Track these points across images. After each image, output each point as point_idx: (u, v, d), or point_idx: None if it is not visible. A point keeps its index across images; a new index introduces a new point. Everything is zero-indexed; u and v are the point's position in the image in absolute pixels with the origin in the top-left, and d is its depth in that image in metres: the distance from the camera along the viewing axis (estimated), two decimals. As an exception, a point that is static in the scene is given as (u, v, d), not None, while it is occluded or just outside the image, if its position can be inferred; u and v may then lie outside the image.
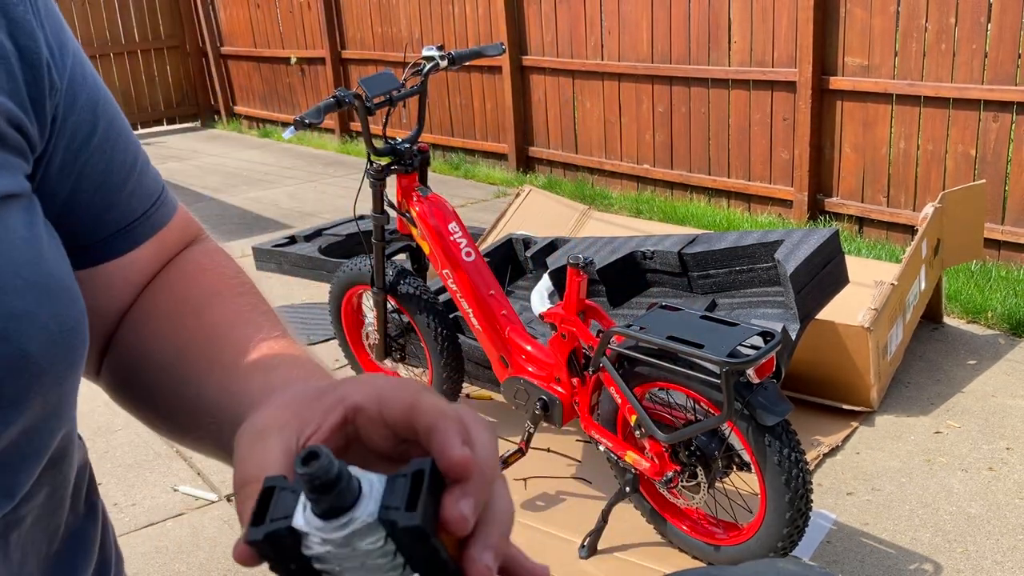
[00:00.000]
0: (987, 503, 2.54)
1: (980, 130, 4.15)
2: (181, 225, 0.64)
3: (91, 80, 0.57)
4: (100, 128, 0.57)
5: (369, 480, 0.38)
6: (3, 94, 0.50)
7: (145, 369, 0.59)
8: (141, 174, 0.60)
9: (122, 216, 0.59)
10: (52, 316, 0.48)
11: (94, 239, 0.58)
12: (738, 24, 4.93)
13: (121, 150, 0.58)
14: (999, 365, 3.32)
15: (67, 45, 0.55)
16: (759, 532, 2.18)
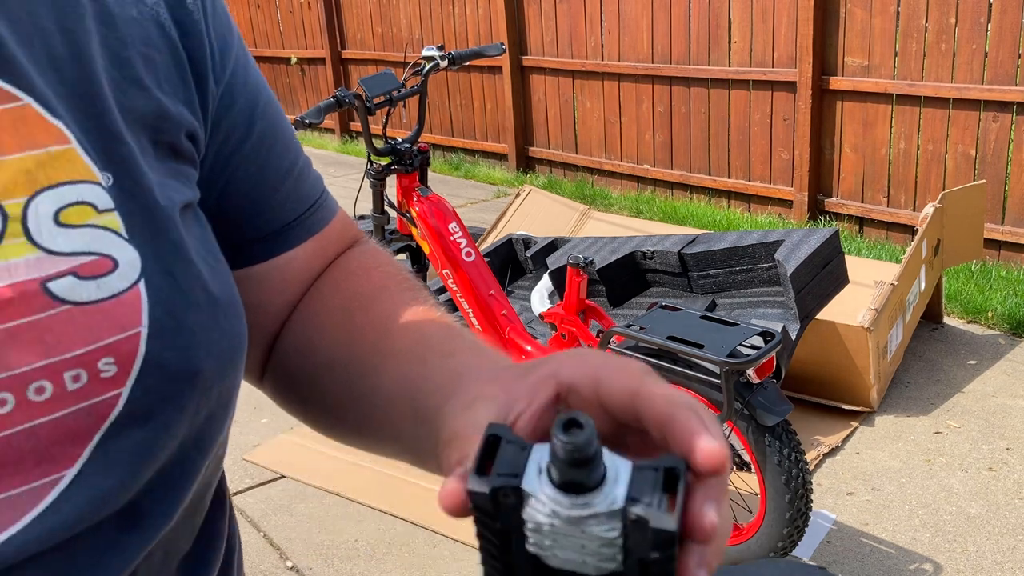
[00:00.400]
0: (987, 503, 2.54)
1: (980, 130, 4.15)
2: (340, 228, 0.64)
3: (252, 83, 0.57)
4: (255, 132, 0.56)
5: (615, 463, 0.35)
6: (181, 103, 0.50)
7: (314, 369, 0.58)
8: (298, 179, 0.60)
9: (274, 219, 0.58)
10: (225, 331, 0.48)
11: (243, 240, 0.58)
12: (738, 24, 4.93)
13: (277, 155, 0.58)
14: (999, 365, 3.32)
15: (229, 48, 0.55)
16: (759, 532, 2.17)
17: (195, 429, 0.48)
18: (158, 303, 0.44)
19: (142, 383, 0.43)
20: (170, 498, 0.48)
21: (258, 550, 2.56)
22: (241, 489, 2.85)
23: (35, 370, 0.40)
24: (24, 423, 0.40)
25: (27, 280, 0.40)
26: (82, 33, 0.46)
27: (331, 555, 2.51)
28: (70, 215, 0.42)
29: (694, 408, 0.39)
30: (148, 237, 0.45)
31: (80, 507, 0.42)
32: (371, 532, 2.58)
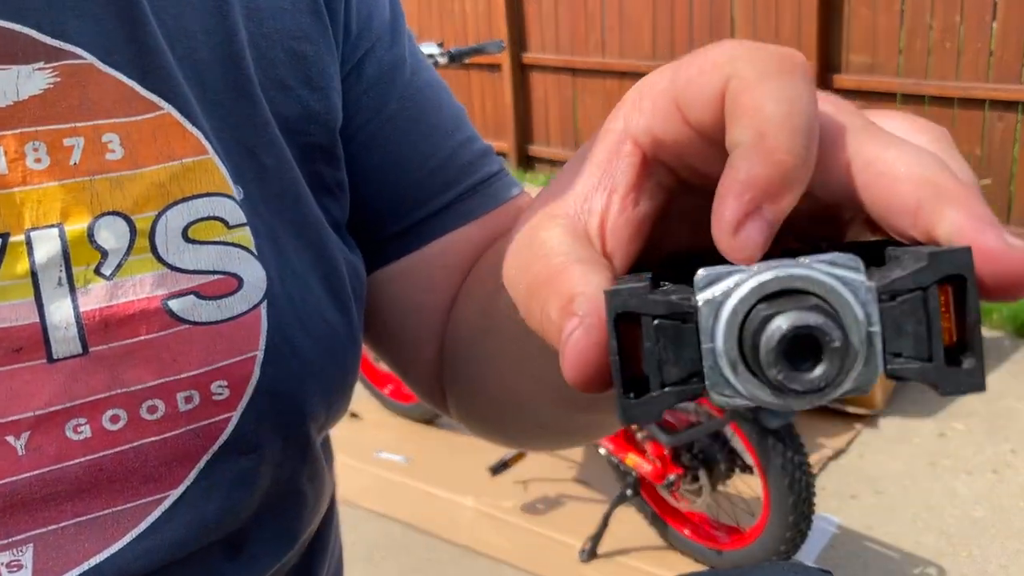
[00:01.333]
0: (992, 506, 2.52)
1: (985, 130, 4.12)
2: (517, 210, 0.55)
3: (391, 58, 0.52)
4: (389, 111, 0.52)
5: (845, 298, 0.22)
6: (332, 91, 0.47)
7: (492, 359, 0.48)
8: (449, 159, 0.54)
9: (416, 207, 0.53)
10: (339, 364, 0.46)
11: (383, 235, 0.53)
12: (741, 21, 4.91)
13: (419, 138, 0.53)
14: (1004, 367, 3.29)
15: (370, 19, 0.51)
16: (762, 536, 2.15)
17: (303, 461, 0.46)
18: (277, 329, 0.43)
19: (253, 409, 0.42)
20: (282, 531, 0.46)
21: (254, 553, 2.53)
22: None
23: (149, 388, 0.40)
24: (135, 441, 0.40)
25: (149, 297, 0.40)
26: (227, 33, 0.43)
27: (328, 558, 2.48)
28: (200, 230, 0.41)
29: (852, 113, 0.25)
30: (277, 255, 0.44)
31: (181, 530, 0.41)
32: (369, 535, 2.56)
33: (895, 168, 0.23)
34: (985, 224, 0.22)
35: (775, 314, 0.21)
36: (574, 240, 0.27)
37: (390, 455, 2.91)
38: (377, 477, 2.81)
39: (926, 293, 0.21)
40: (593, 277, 0.25)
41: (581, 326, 0.23)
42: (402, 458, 2.89)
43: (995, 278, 0.22)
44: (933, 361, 0.22)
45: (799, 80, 0.24)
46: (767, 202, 0.23)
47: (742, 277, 0.22)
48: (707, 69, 0.25)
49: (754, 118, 0.23)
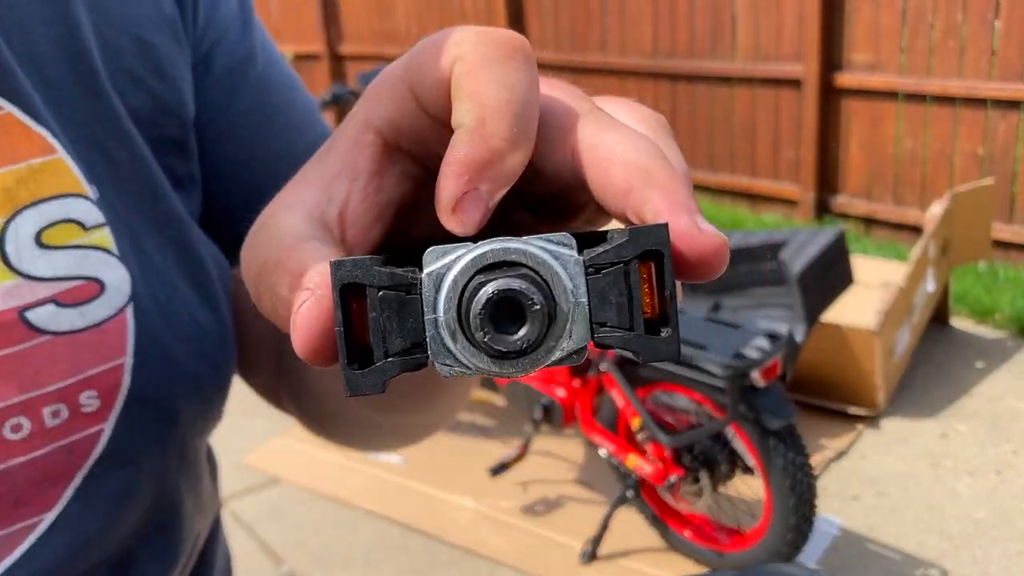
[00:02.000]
0: (994, 508, 2.50)
1: (988, 129, 4.10)
2: None
3: (243, 49, 0.51)
4: (239, 104, 0.51)
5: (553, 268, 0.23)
6: (181, 82, 0.46)
7: None
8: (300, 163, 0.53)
9: None
10: (212, 364, 0.44)
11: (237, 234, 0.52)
12: (743, 20, 4.89)
13: (274, 134, 0.52)
14: (1007, 367, 3.27)
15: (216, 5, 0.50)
16: (763, 538, 2.14)
17: (182, 471, 0.44)
18: (144, 332, 0.40)
19: (126, 418, 0.40)
20: (167, 547, 0.45)
21: (253, 555, 2.52)
22: (236, 493, 2.82)
23: (12, 406, 0.37)
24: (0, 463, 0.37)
25: (3, 310, 0.37)
26: (68, 23, 0.41)
27: (327, 560, 2.47)
28: (53, 235, 0.39)
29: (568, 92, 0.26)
30: (139, 255, 0.42)
31: (60, 554, 0.39)
32: (367, 536, 2.55)
33: (612, 152, 0.24)
34: (682, 208, 0.24)
35: (487, 282, 0.22)
36: (308, 224, 0.27)
37: (388, 456, 2.90)
38: (376, 478, 2.80)
39: (627, 267, 0.23)
40: (325, 252, 0.25)
41: (312, 297, 0.23)
42: (401, 459, 2.88)
43: (687, 256, 0.23)
44: (634, 330, 0.23)
45: (521, 65, 0.25)
46: (483, 182, 0.24)
47: (463, 252, 0.23)
48: (435, 54, 0.26)
49: (475, 102, 0.24)
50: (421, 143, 0.28)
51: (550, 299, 0.23)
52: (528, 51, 0.26)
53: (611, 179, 0.24)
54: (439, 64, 0.25)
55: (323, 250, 0.25)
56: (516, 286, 0.22)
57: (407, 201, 0.29)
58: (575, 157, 0.25)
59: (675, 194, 0.24)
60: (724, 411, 2.02)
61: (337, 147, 0.28)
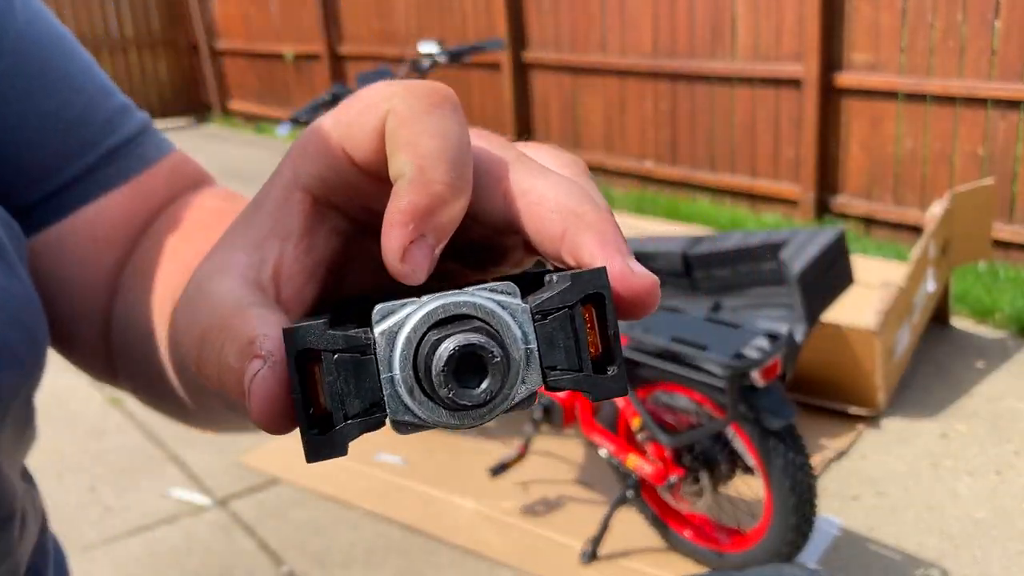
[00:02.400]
0: (994, 508, 2.50)
1: (988, 129, 4.10)
2: (168, 172, 0.53)
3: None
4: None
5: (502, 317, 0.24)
6: None
7: (148, 347, 0.48)
8: (79, 123, 0.50)
9: (55, 173, 0.49)
10: (25, 334, 0.42)
11: (27, 202, 0.49)
12: (743, 20, 4.89)
13: (39, 97, 0.48)
14: (1007, 367, 3.27)
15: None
16: (764, 538, 2.14)
17: (6, 442, 0.42)
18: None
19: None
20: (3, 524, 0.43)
21: (253, 556, 2.52)
22: (235, 493, 2.82)
23: None
24: None
25: None
26: None
27: (327, 560, 2.47)
28: None
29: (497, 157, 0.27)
30: None
31: None
32: (368, 537, 2.54)
33: (544, 197, 0.25)
34: (615, 250, 0.25)
35: (444, 338, 0.23)
36: (246, 288, 0.27)
37: (389, 457, 2.89)
38: (376, 479, 2.79)
39: (572, 311, 0.24)
40: (271, 318, 0.25)
41: (266, 365, 0.23)
42: (400, 460, 2.88)
43: (623, 296, 0.24)
44: (583, 371, 0.24)
45: (450, 114, 0.26)
46: (428, 230, 0.25)
47: (413, 308, 0.23)
48: (365, 109, 0.26)
49: (412, 152, 0.25)
50: (351, 198, 0.28)
51: (503, 349, 0.23)
52: (454, 100, 0.26)
53: (545, 223, 0.25)
54: (369, 119, 0.26)
55: (268, 316, 0.25)
56: (476, 341, 0.22)
57: (338, 257, 0.29)
58: (508, 203, 0.26)
59: (607, 236, 0.25)
60: (724, 411, 2.02)
61: (265, 207, 0.28)
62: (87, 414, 3.40)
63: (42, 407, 2.22)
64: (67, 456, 3.11)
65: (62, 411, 3.41)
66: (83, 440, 3.22)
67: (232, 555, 2.52)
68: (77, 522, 2.73)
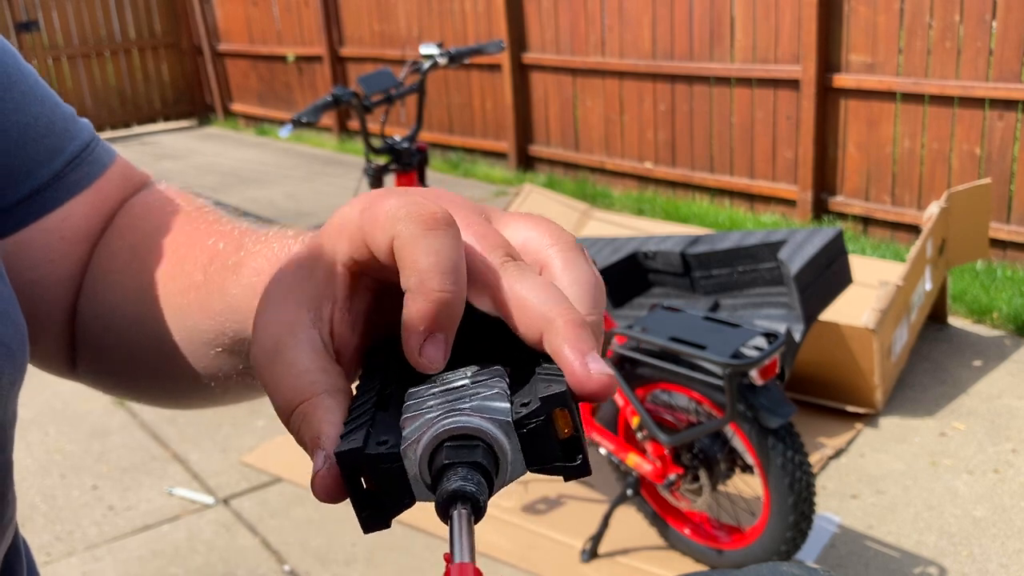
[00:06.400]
0: (993, 506, 2.51)
1: (985, 129, 4.12)
2: (119, 177, 0.57)
3: None
4: None
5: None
6: None
7: (120, 335, 0.53)
8: (40, 135, 0.53)
9: (19, 183, 0.52)
10: (14, 325, 0.45)
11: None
12: (741, 21, 4.90)
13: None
14: (1005, 366, 3.28)
15: None
16: (762, 536, 2.15)
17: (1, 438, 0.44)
18: None
19: None
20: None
21: (255, 554, 2.53)
22: (238, 492, 2.83)
23: None
24: None
25: None
26: None
27: (329, 559, 2.48)
28: None
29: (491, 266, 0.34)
30: None
31: None
32: (369, 536, 2.55)
33: (525, 306, 0.32)
34: (578, 355, 0.31)
35: (447, 471, 0.30)
36: (316, 358, 0.35)
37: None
38: (377, 478, 2.80)
39: (547, 419, 0.31)
40: (333, 414, 0.33)
41: (325, 467, 0.32)
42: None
43: (581, 394, 0.31)
44: (557, 462, 0.32)
45: (443, 234, 0.32)
46: (436, 329, 0.32)
47: (425, 430, 0.31)
48: (379, 225, 0.34)
49: (414, 269, 0.32)
50: (377, 269, 0.36)
51: (492, 455, 0.31)
52: (449, 220, 0.33)
53: (525, 327, 0.32)
54: (382, 235, 0.33)
55: (333, 409, 0.33)
56: (469, 490, 0.30)
57: (371, 307, 0.38)
58: (497, 305, 0.33)
59: (573, 343, 0.31)
60: (723, 410, 2.03)
61: (317, 275, 0.37)
62: (91, 414, 3.41)
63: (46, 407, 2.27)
64: (70, 455, 3.12)
65: (66, 411, 3.42)
66: (86, 440, 3.23)
67: (234, 553, 2.54)
68: (80, 521, 2.74)
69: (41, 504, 2.85)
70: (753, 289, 2.82)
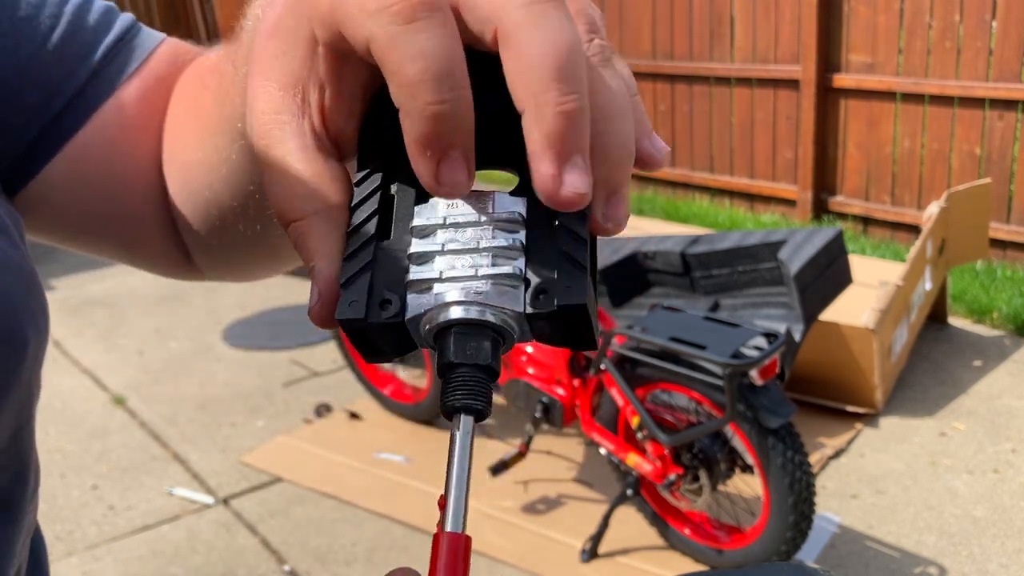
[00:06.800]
0: (993, 506, 2.51)
1: (985, 128, 4.12)
2: (170, 53, 0.54)
3: None
4: None
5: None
6: None
7: (207, 210, 0.49)
8: (70, 31, 0.51)
9: (65, 85, 0.50)
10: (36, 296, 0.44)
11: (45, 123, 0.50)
12: (741, 21, 4.90)
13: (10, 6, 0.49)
14: (1005, 366, 3.28)
15: None
16: (762, 536, 2.15)
17: (25, 405, 0.44)
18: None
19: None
20: (22, 479, 0.45)
21: (255, 554, 2.53)
22: (238, 492, 2.83)
23: None
24: None
25: None
26: None
27: (329, 559, 2.48)
28: None
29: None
30: None
31: None
32: (369, 535, 2.56)
33: (521, 59, 0.26)
34: (551, 156, 0.26)
35: (455, 369, 0.28)
36: (306, 161, 0.31)
37: (390, 455, 2.91)
38: (377, 477, 2.81)
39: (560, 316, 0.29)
40: (326, 242, 0.30)
41: (318, 303, 0.30)
42: (402, 458, 2.89)
43: (552, 202, 0.27)
44: (564, 340, 0.30)
45: (427, 25, 0.27)
46: (446, 147, 0.27)
47: (439, 303, 0.28)
48: (352, 19, 0.28)
49: (400, 81, 0.27)
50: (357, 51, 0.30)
51: (500, 336, 0.29)
52: (431, 5, 0.27)
53: (515, 89, 0.27)
54: (356, 34, 0.28)
55: (324, 237, 0.30)
56: (476, 407, 0.28)
57: (369, 84, 0.32)
58: (497, 45, 0.27)
59: (552, 139, 0.26)
60: (723, 410, 2.03)
61: (297, 54, 0.31)
62: (90, 414, 3.41)
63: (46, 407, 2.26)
64: (70, 455, 3.12)
65: (65, 411, 3.42)
66: (86, 440, 3.23)
67: (234, 553, 2.54)
68: (80, 521, 2.74)
69: (41, 504, 2.85)
70: (753, 289, 2.82)
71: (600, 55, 0.29)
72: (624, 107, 0.29)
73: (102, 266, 4.93)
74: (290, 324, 4.09)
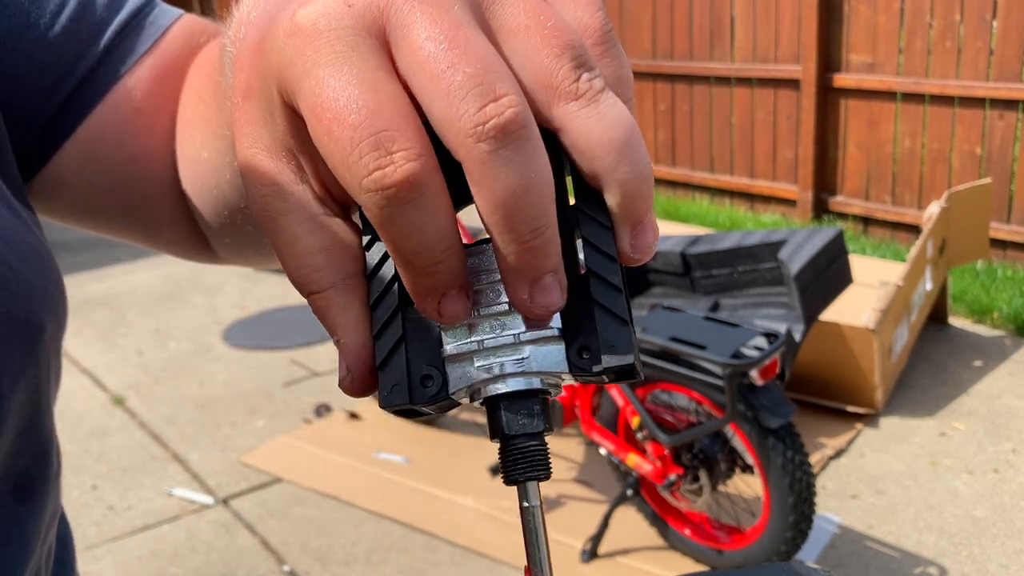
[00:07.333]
0: (993, 506, 2.51)
1: (986, 128, 4.12)
2: (185, 30, 0.53)
3: None
4: None
5: None
6: None
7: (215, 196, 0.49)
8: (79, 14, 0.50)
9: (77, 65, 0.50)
10: (54, 282, 0.44)
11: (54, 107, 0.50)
12: (741, 21, 4.90)
13: None
14: (1005, 366, 3.28)
15: None
16: (762, 536, 2.15)
17: (44, 388, 0.44)
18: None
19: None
20: (44, 460, 0.45)
21: (255, 554, 2.53)
22: (237, 492, 2.83)
23: None
24: None
25: None
26: None
27: (328, 559, 2.48)
28: None
29: None
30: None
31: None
32: (369, 535, 2.56)
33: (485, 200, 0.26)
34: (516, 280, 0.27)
35: (511, 441, 0.28)
36: (315, 232, 0.30)
37: (390, 455, 2.91)
38: (377, 477, 2.80)
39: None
40: (347, 313, 0.29)
41: (348, 379, 0.29)
42: (402, 459, 2.89)
43: (523, 313, 0.28)
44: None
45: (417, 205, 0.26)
46: (443, 291, 0.28)
47: (483, 376, 0.28)
48: (334, 158, 0.27)
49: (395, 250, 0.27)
50: None
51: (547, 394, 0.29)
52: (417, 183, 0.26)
53: (484, 224, 0.27)
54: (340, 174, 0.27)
55: (345, 307, 0.29)
56: (541, 477, 0.28)
57: None
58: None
59: (520, 270, 0.27)
60: (723, 410, 2.03)
61: (277, 125, 0.30)
62: (90, 414, 3.41)
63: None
64: (70, 456, 3.12)
65: (65, 411, 3.42)
66: (86, 440, 3.23)
67: (234, 554, 2.53)
68: (80, 521, 2.74)
69: (41, 504, 2.85)
70: (753, 289, 2.82)
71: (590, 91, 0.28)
72: (628, 137, 0.28)
73: (102, 266, 4.92)
74: (290, 324, 4.09)
